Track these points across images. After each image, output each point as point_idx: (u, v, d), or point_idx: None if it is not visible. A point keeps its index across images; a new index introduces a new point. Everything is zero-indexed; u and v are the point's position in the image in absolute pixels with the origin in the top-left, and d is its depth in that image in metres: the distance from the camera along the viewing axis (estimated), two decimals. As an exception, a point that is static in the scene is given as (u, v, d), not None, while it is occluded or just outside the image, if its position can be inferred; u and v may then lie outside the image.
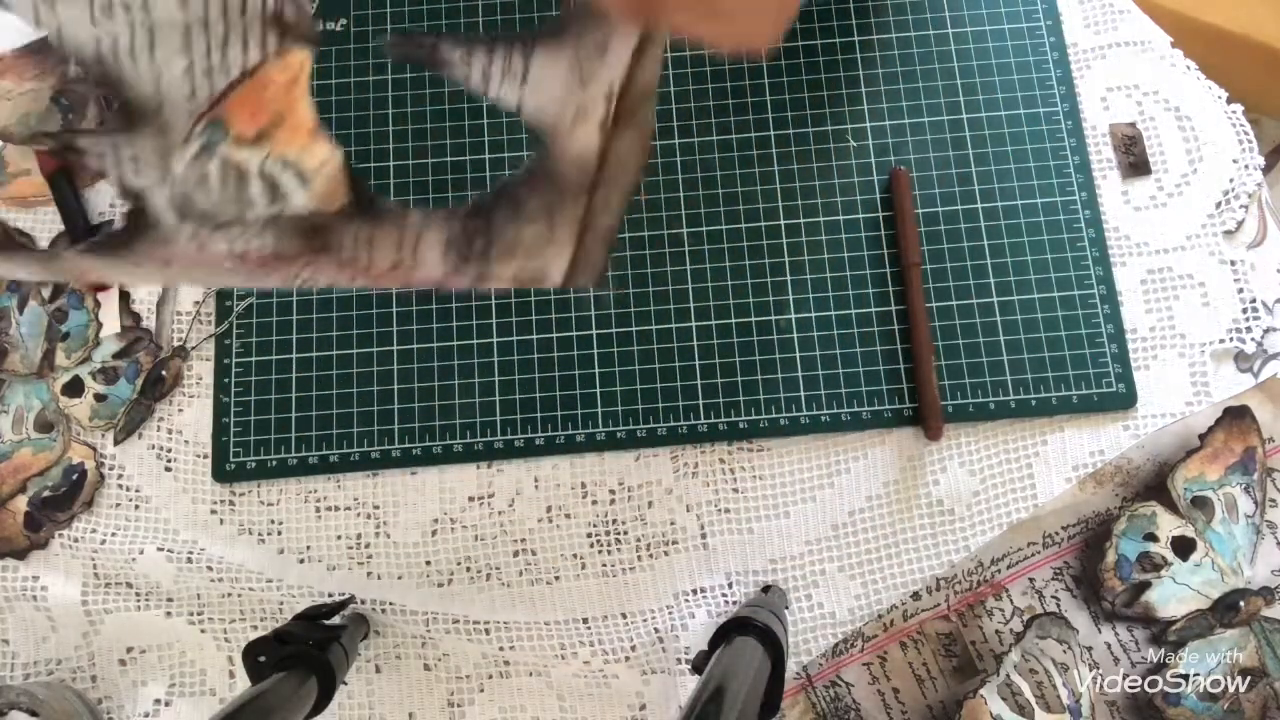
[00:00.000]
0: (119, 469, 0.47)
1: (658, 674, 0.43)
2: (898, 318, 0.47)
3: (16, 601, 0.45)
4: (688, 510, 0.46)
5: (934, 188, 0.49)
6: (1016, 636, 0.44)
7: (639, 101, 0.34)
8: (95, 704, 0.45)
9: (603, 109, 0.34)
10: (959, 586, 0.44)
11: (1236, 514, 0.44)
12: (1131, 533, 0.44)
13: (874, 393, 0.46)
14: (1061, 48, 0.50)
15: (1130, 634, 0.44)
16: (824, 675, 0.44)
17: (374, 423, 0.46)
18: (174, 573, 0.45)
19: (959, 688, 0.43)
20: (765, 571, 0.45)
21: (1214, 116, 0.49)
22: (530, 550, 0.45)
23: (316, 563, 0.46)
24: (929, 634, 0.44)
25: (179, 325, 0.48)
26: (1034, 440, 0.46)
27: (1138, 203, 0.49)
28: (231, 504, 0.46)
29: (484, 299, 0.48)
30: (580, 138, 0.35)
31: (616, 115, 0.34)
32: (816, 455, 0.46)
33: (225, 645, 0.45)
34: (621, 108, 0.34)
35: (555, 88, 0.34)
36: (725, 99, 0.50)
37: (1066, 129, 0.49)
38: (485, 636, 0.43)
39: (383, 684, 0.45)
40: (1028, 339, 0.47)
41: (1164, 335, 0.47)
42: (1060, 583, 0.44)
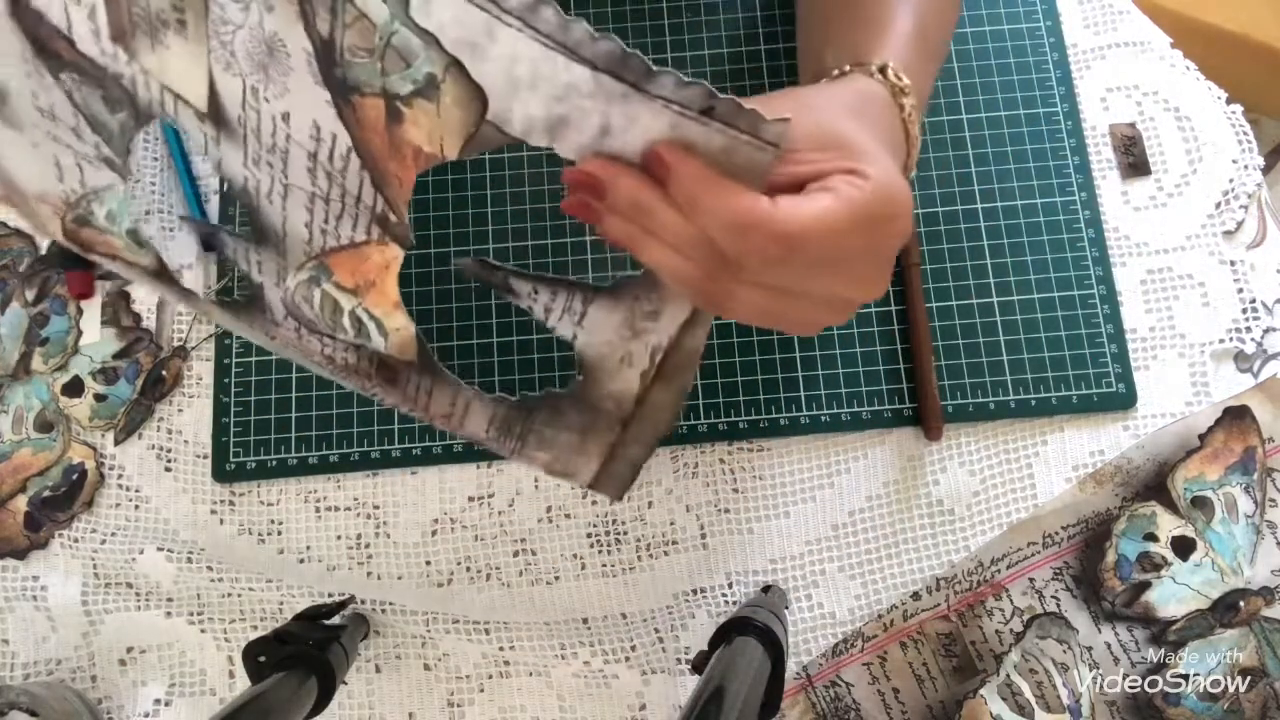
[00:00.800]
0: (119, 469, 0.47)
1: (658, 674, 0.43)
2: (897, 318, 0.47)
3: (16, 601, 0.45)
4: (688, 510, 0.46)
5: (934, 188, 0.49)
6: (1016, 636, 0.44)
7: (682, 364, 0.36)
8: (95, 704, 0.45)
9: (647, 361, 0.37)
10: (959, 586, 0.44)
11: (1236, 514, 0.44)
12: (1131, 533, 0.44)
13: (874, 393, 0.46)
14: (1061, 48, 0.50)
15: (1130, 634, 0.44)
16: (824, 675, 0.44)
17: (374, 423, 0.46)
18: (174, 573, 0.45)
19: (959, 688, 0.43)
20: (765, 571, 0.45)
21: (1214, 117, 0.49)
22: (530, 550, 0.45)
23: (316, 563, 0.46)
24: (929, 634, 0.44)
25: (179, 325, 0.48)
26: (1034, 440, 0.46)
27: (1137, 203, 0.49)
28: (231, 504, 0.46)
29: (484, 299, 0.48)
30: (622, 380, 0.38)
31: (659, 371, 0.37)
32: (816, 455, 0.46)
33: (225, 645, 0.45)
34: (665, 365, 0.37)
35: (608, 333, 0.37)
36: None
37: (1066, 129, 0.49)
38: (485, 636, 0.43)
39: (383, 684, 0.45)
40: (1028, 339, 0.47)
41: (1164, 335, 0.47)
42: (1060, 583, 0.44)
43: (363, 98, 0.32)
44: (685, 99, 0.28)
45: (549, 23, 0.28)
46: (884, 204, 0.28)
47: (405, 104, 0.31)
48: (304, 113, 0.34)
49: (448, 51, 0.29)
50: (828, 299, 0.30)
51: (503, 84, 0.30)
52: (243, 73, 0.34)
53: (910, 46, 0.35)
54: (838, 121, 0.30)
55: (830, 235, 0.27)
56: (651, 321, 0.36)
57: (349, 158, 0.34)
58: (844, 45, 0.36)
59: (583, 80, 0.29)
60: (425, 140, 0.32)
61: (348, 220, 0.36)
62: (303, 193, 0.36)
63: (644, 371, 0.37)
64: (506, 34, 0.28)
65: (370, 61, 0.31)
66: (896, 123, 0.33)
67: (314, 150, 0.34)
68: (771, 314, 0.30)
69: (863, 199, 0.27)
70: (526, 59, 0.29)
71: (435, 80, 0.30)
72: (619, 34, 0.51)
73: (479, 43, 0.29)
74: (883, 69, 0.33)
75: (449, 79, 0.30)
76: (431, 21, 0.29)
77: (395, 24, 0.30)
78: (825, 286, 0.30)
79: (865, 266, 0.30)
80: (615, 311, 0.36)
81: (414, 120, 0.32)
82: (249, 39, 0.33)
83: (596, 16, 0.51)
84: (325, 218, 0.36)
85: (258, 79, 0.33)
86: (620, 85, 0.29)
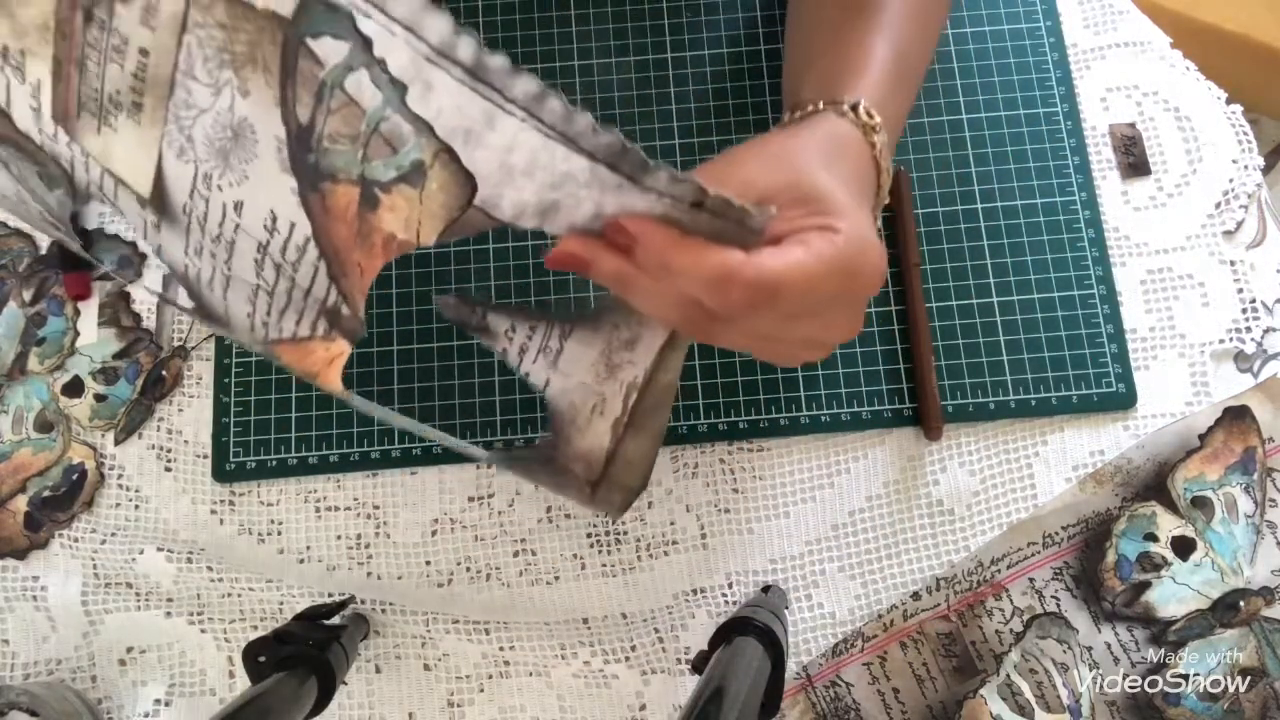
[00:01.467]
0: (119, 469, 0.47)
1: (658, 674, 0.43)
2: (898, 318, 0.47)
3: (16, 601, 0.45)
4: (687, 510, 0.46)
5: (934, 188, 0.49)
6: (1016, 636, 0.44)
7: (656, 403, 0.36)
8: (95, 704, 0.45)
9: (619, 407, 0.36)
10: (959, 586, 0.44)
11: (1236, 514, 0.45)
12: (1131, 533, 0.44)
13: (874, 393, 0.46)
14: (1061, 48, 0.50)
15: (1130, 634, 0.44)
16: (824, 675, 0.44)
17: (374, 423, 0.46)
18: (174, 573, 0.45)
19: (959, 688, 0.43)
20: (765, 571, 0.45)
21: (1213, 117, 0.49)
22: (530, 550, 0.45)
23: (316, 563, 0.46)
24: (929, 634, 0.44)
25: (179, 325, 0.48)
26: (1034, 440, 0.46)
27: (1137, 203, 0.49)
28: (231, 504, 0.46)
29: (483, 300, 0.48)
30: (593, 435, 0.37)
31: (632, 417, 0.37)
32: (816, 455, 0.46)
33: (225, 645, 0.45)
34: (638, 408, 0.36)
35: (583, 372, 0.37)
36: (725, 99, 0.50)
37: (1066, 129, 0.49)
38: (485, 636, 0.43)
39: (383, 684, 0.45)
40: (1028, 339, 0.47)
41: (1164, 335, 0.47)
42: (1060, 583, 0.44)
43: (335, 184, 0.31)
44: (678, 194, 0.29)
45: (554, 113, 0.28)
46: (855, 257, 0.29)
47: (384, 190, 0.31)
48: (261, 202, 0.33)
49: (440, 138, 0.29)
50: (806, 341, 0.32)
51: (496, 171, 0.29)
52: (197, 159, 0.33)
53: (885, 82, 0.36)
54: (813, 175, 0.31)
55: (804, 285, 0.29)
56: (628, 352, 0.36)
57: (305, 248, 0.33)
58: (820, 81, 0.37)
59: (580, 170, 0.29)
60: (401, 227, 0.31)
61: (291, 315, 0.36)
62: (246, 285, 0.35)
63: (616, 419, 0.37)
64: (508, 123, 0.28)
65: (351, 148, 0.30)
66: (867, 161, 0.34)
67: (265, 241, 0.34)
68: (755, 351, 0.32)
69: (834, 253, 0.29)
70: (525, 147, 0.29)
71: (422, 166, 0.30)
72: (619, 35, 0.51)
73: (476, 130, 0.29)
74: (855, 107, 0.34)
75: (437, 164, 0.29)
76: (429, 109, 0.29)
77: (387, 111, 0.29)
78: (803, 331, 0.31)
79: (839, 313, 0.32)
80: (593, 344, 0.36)
81: (391, 206, 0.31)
82: (213, 124, 0.32)
83: (597, 17, 0.51)
84: (268, 310, 0.36)
85: (213, 165, 0.33)
86: (616, 177, 0.29)
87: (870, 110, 0.34)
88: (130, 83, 0.32)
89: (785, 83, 0.43)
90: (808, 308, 0.30)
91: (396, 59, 0.28)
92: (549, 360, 0.37)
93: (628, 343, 0.36)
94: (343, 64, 0.29)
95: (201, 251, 0.35)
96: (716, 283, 0.28)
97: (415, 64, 0.28)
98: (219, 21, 0.30)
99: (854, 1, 0.39)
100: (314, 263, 0.34)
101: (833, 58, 0.38)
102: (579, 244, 0.30)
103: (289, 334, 0.36)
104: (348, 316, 0.35)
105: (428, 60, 0.28)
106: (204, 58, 0.31)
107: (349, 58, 0.29)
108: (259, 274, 0.35)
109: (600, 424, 0.37)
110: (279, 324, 0.36)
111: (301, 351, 0.37)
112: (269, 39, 0.30)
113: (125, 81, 0.32)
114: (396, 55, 0.28)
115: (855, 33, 0.38)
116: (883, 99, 0.35)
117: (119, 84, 0.32)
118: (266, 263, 0.34)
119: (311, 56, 0.29)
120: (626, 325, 0.36)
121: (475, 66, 0.28)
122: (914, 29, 0.39)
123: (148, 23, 0.31)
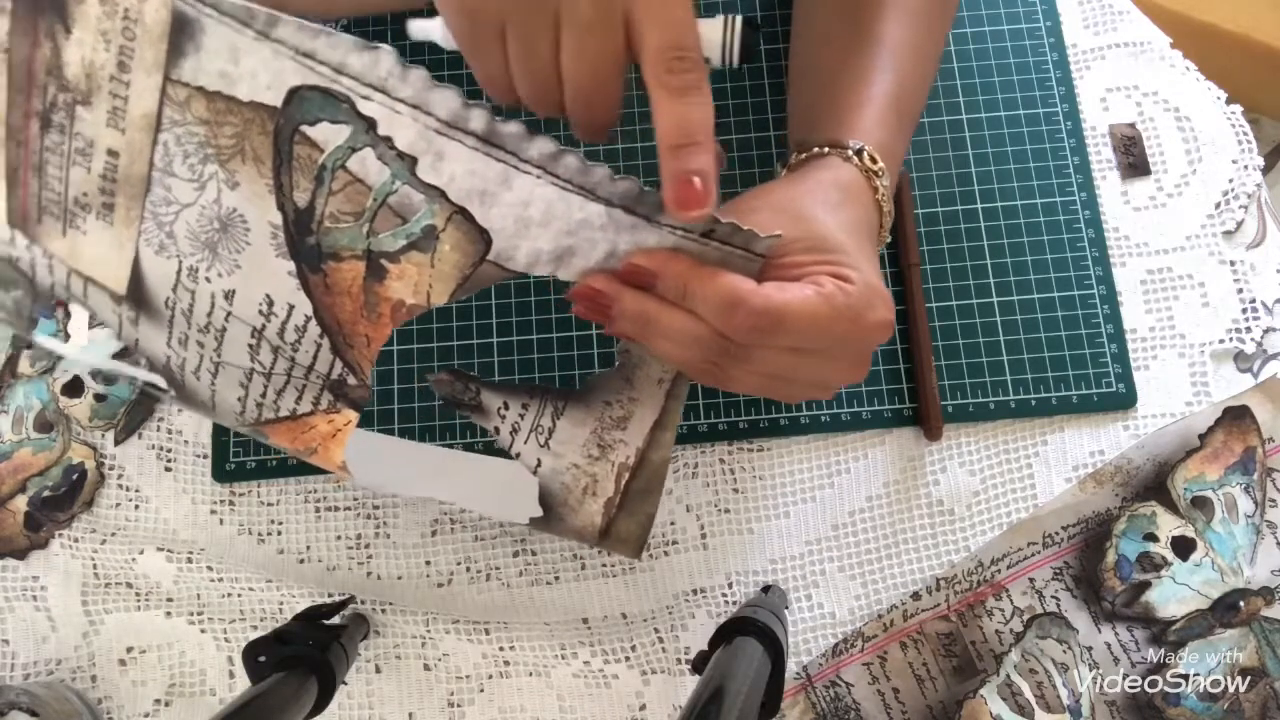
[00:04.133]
0: (119, 469, 0.47)
1: (658, 674, 0.43)
2: (898, 318, 0.47)
3: (16, 601, 0.45)
4: (688, 511, 0.46)
5: (934, 188, 0.49)
6: (1016, 636, 0.44)
7: (647, 484, 0.37)
8: (95, 704, 0.45)
9: (612, 488, 0.37)
10: (959, 586, 0.44)
11: (1236, 514, 0.45)
12: (1131, 533, 0.44)
13: (874, 393, 0.46)
14: (1061, 49, 0.50)
15: (1130, 634, 0.44)
16: (824, 675, 0.44)
17: (374, 423, 0.46)
18: (174, 573, 0.44)
19: (959, 688, 0.43)
20: (765, 571, 0.45)
21: (1213, 117, 0.49)
22: (530, 550, 0.45)
23: (316, 563, 0.46)
24: (929, 634, 0.44)
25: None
26: (1034, 440, 0.46)
27: (1137, 203, 0.49)
28: (231, 504, 0.46)
29: (484, 299, 0.48)
30: (585, 514, 0.38)
31: (623, 498, 0.37)
32: (816, 455, 0.46)
33: (225, 645, 0.45)
34: (630, 489, 0.37)
35: (575, 453, 0.37)
36: (725, 99, 0.50)
37: (1066, 129, 0.49)
38: (485, 636, 0.43)
39: (383, 684, 0.45)
40: (1028, 339, 0.47)
41: (1164, 335, 0.47)
42: (1060, 583, 0.44)
43: (338, 263, 0.31)
44: (691, 224, 0.29)
45: (570, 168, 0.28)
46: (864, 307, 0.31)
47: (392, 260, 0.31)
48: (254, 288, 0.32)
49: (454, 202, 0.29)
50: (814, 382, 0.34)
51: (512, 224, 0.29)
52: (180, 253, 0.32)
53: (887, 121, 0.38)
54: (822, 223, 0.33)
55: (810, 320, 0.30)
56: (620, 431, 0.36)
57: (306, 327, 0.33)
58: (824, 123, 0.38)
59: (596, 215, 0.29)
60: (410, 292, 0.31)
61: (291, 393, 0.35)
62: (238, 370, 0.35)
63: (609, 500, 0.37)
64: (524, 181, 0.28)
65: (355, 225, 0.30)
66: (870, 204, 0.36)
67: (261, 325, 0.33)
68: (765, 391, 0.34)
69: (844, 300, 0.30)
70: (541, 200, 0.29)
71: (434, 231, 0.30)
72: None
73: (492, 191, 0.29)
74: (859, 152, 0.36)
75: (450, 226, 0.30)
76: (441, 177, 0.29)
77: (396, 184, 0.29)
78: (811, 372, 0.33)
79: (846, 358, 0.33)
80: (585, 423, 0.36)
81: (400, 275, 0.31)
82: (197, 218, 0.31)
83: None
84: (263, 392, 0.35)
85: (200, 258, 0.32)
86: (631, 217, 0.29)
87: (874, 155, 0.36)
88: (99, 184, 0.31)
89: (790, 120, 0.44)
90: (814, 347, 0.31)
91: (404, 136, 0.28)
92: (540, 440, 0.37)
93: (619, 421, 0.36)
94: (344, 145, 0.29)
95: (187, 342, 0.35)
96: (727, 306, 0.29)
97: (425, 137, 0.28)
98: (199, 118, 0.30)
99: (854, 41, 0.40)
100: (316, 340, 0.33)
101: (836, 98, 0.39)
102: (604, 281, 0.31)
103: (287, 412, 0.36)
104: (354, 386, 0.35)
105: (438, 133, 0.28)
106: (184, 154, 0.30)
107: (350, 139, 0.29)
108: (254, 358, 0.34)
109: (592, 505, 0.38)
110: (276, 403, 0.36)
111: (298, 428, 0.36)
112: (258, 130, 0.29)
113: (93, 184, 0.31)
114: (404, 132, 0.28)
115: (856, 71, 0.39)
116: (885, 139, 0.37)
117: (85, 187, 0.32)
118: (263, 346, 0.34)
119: (308, 142, 0.29)
120: (619, 402, 0.36)
121: (488, 134, 0.28)
122: (913, 64, 0.40)
123: (115, 124, 0.30)
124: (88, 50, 0.29)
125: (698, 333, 0.30)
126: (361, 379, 0.34)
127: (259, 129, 0.29)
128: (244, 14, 0.28)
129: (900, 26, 0.40)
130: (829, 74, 0.40)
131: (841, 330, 0.31)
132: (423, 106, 0.27)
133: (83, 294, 0.35)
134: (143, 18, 0.28)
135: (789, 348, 0.31)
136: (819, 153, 0.36)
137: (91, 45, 0.29)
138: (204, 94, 0.29)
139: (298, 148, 0.29)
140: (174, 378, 0.36)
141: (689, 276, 0.30)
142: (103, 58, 0.29)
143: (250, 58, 0.28)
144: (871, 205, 0.36)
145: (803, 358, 0.32)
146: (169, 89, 0.29)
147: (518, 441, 0.37)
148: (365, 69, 0.27)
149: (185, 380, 0.36)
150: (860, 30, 0.40)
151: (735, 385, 0.33)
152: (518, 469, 0.37)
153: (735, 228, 0.30)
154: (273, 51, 0.28)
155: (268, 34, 0.28)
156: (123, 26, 0.29)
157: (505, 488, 0.39)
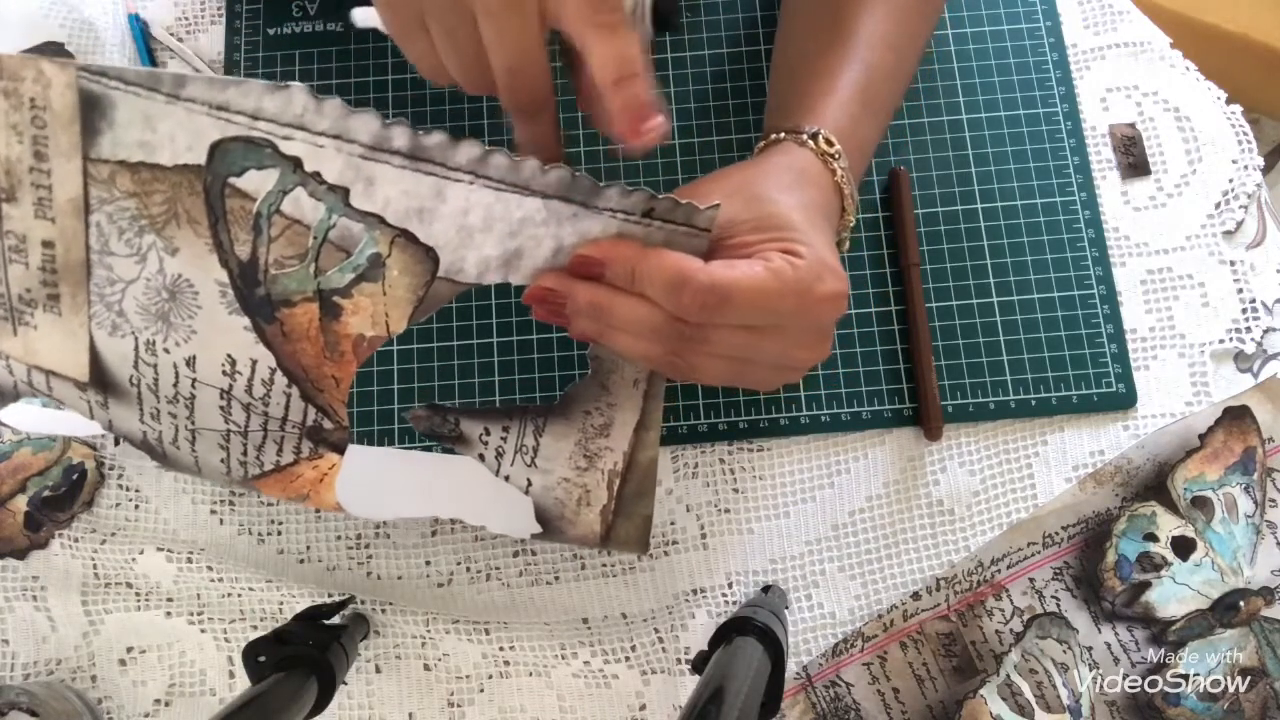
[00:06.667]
0: (119, 469, 0.47)
1: (658, 674, 0.43)
2: (897, 318, 0.47)
3: (16, 601, 0.45)
4: (688, 510, 0.46)
5: (934, 188, 0.49)
6: (1016, 636, 0.44)
7: (639, 486, 0.37)
8: (95, 704, 0.45)
9: (605, 495, 0.37)
10: (959, 586, 0.44)
11: (1236, 514, 0.45)
12: (1131, 533, 0.44)
13: (874, 393, 0.46)
14: (1061, 48, 0.50)
15: (1130, 634, 0.44)
16: (824, 675, 0.44)
17: (373, 423, 0.46)
18: (174, 573, 0.44)
19: (959, 688, 0.43)
20: (765, 571, 0.45)
21: (1213, 117, 0.49)
22: (530, 550, 0.45)
23: (316, 563, 0.46)
24: (929, 634, 0.44)
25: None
26: (1034, 440, 0.46)
27: (1137, 203, 0.49)
28: (231, 504, 0.46)
29: (484, 299, 0.48)
30: (583, 525, 0.38)
31: (618, 503, 0.37)
32: (816, 455, 0.46)
33: (225, 645, 0.45)
34: (623, 493, 0.37)
35: (563, 467, 0.37)
36: (725, 99, 0.50)
37: (1066, 129, 0.49)
38: (485, 636, 0.43)
39: (383, 684, 0.45)
40: (1027, 339, 0.47)
41: (1164, 335, 0.47)
42: (1060, 583, 0.44)
43: (291, 308, 0.31)
44: (629, 206, 0.30)
45: (500, 167, 0.28)
46: (814, 279, 0.31)
47: (344, 296, 0.31)
48: (214, 350, 0.32)
49: (393, 225, 0.29)
50: (778, 363, 0.34)
51: (455, 236, 0.29)
52: (135, 329, 0.32)
53: (850, 109, 0.38)
54: (774, 203, 0.33)
55: (759, 295, 0.30)
56: (604, 439, 0.36)
57: (272, 379, 0.33)
58: (787, 110, 0.39)
59: (535, 210, 0.29)
60: (369, 325, 0.31)
61: (271, 447, 0.35)
62: (214, 434, 0.35)
63: (604, 507, 0.37)
64: (457, 190, 0.28)
65: (301, 267, 0.30)
66: (829, 186, 0.36)
67: (227, 386, 0.33)
68: (732, 377, 0.34)
69: (793, 274, 0.31)
70: (479, 206, 0.29)
71: (380, 258, 0.30)
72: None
73: (428, 206, 0.29)
74: (814, 135, 0.36)
75: (395, 250, 0.30)
76: (375, 202, 0.29)
77: (333, 217, 0.29)
78: (772, 352, 0.33)
79: (804, 333, 0.33)
80: (568, 435, 0.36)
81: (355, 309, 0.31)
82: (144, 291, 0.31)
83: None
84: (243, 451, 0.35)
85: (155, 331, 0.32)
86: (570, 207, 0.29)
87: (830, 138, 0.36)
88: (39, 277, 0.31)
89: (766, 113, 0.45)
90: (766, 323, 0.31)
91: (331, 168, 0.28)
92: (527, 460, 0.37)
93: (602, 429, 0.36)
94: (274, 190, 0.28)
95: (159, 415, 0.35)
96: (674, 285, 0.29)
97: (352, 165, 0.28)
98: (126, 191, 0.29)
99: (829, 35, 0.40)
100: (285, 390, 0.33)
101: (800, 88, 0.39)
102: (555, 279, 0.31)
103: (271, 465, 0.36)
104: (331, 429, 0.35)
105: (363, 159, 0.28)
106: (118, 230, 0.30)
107: (280, 182, 0.28)
108: (227, 419, 0.34)
109: (588, 515, 0.38)
110: (259, 459, 0.36)
111: (286, 479, 0.36)
112: (187, 191, 0.29)
113: (34, 278, 0.31)
114: (330, 165, 0.28)
115: (825, 62, 0.39)
116: (845, 125, 0.37)
117: (27, 282, 0.31)
118: (234, 406, 0.34)
119: (239, 194, 0.29)
120: (598, 410, 0.36)
121: (413, 150, 0.28)
122: (888, 56, 0.40)
123: (44, 215, 0.30)
124: (1, 147, 0.29)
125: (652, 320, 0.30)
126: (337, 421, 0.35)
127: (188, 190, 0.29)
128: (150, 80, 0.27)
129: (876, 19, 0.40)
130: (803, 67, 0.41)
131: (791, 304, 0.31)
132: (344, 135, 0.27)
133: (47, 387, 0.35)
134: (50, 104, 0.28)
135: (743, 326, 0.31)
136: (776, 139, 0.37)
137: (4, 141, 0.29)
138: (127, 167, 0.29)
139: (230, 201, 0.29)
140: (155, 451, 0.36)
141: (635, 259, 0.30)
142: (18, 151, 0.29)
143: (166, 122, 0.28)
144: (830, 187, 0.36)
145: (759, 336, 0.32)
146: (91, 169, 0.29)
147: (504, 464, 0.37)
148: (280, 109, 0.27)
149: (166, 451, 0.36)
150: (837, 24, 0.40)
151: (701, 375, 0.33)
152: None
153: (674, 203, 0.30)
154: (186, 111, 0.28)
155: (178, 95, 0.28)
156: (31, 117, 0.28)
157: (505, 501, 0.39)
